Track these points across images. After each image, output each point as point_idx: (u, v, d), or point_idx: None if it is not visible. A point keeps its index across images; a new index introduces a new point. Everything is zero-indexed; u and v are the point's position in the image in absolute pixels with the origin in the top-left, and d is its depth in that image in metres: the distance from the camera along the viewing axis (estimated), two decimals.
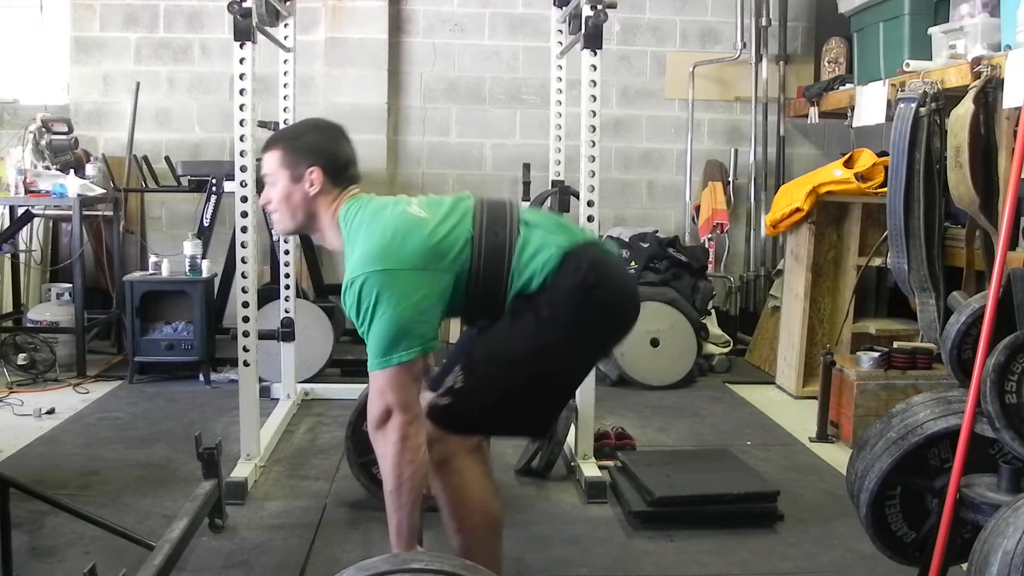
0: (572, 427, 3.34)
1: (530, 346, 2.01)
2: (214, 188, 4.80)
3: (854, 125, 4.65)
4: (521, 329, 2.02)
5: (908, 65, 3.96)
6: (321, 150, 2.10)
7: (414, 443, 1.92)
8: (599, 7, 2.98)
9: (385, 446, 1.92)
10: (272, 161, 2.11)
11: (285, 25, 3.85)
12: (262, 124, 4.36)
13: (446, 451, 2.05)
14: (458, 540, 2.13)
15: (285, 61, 3.98)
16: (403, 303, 1.91)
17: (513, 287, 2.02)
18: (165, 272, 4.57)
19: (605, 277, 2.06)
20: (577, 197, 3.42)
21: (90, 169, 4.95)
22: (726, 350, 5.17)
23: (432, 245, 1.97)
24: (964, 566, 2.07)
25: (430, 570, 1.42)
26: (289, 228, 2.17)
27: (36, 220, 5.15)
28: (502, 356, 2.04)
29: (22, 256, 5.14)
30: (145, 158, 5.03)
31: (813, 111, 5.40)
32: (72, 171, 4.83)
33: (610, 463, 3.31)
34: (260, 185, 2.18)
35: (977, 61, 3.38)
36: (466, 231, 2.02)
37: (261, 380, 3.58)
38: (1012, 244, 3.44)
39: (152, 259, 4.68)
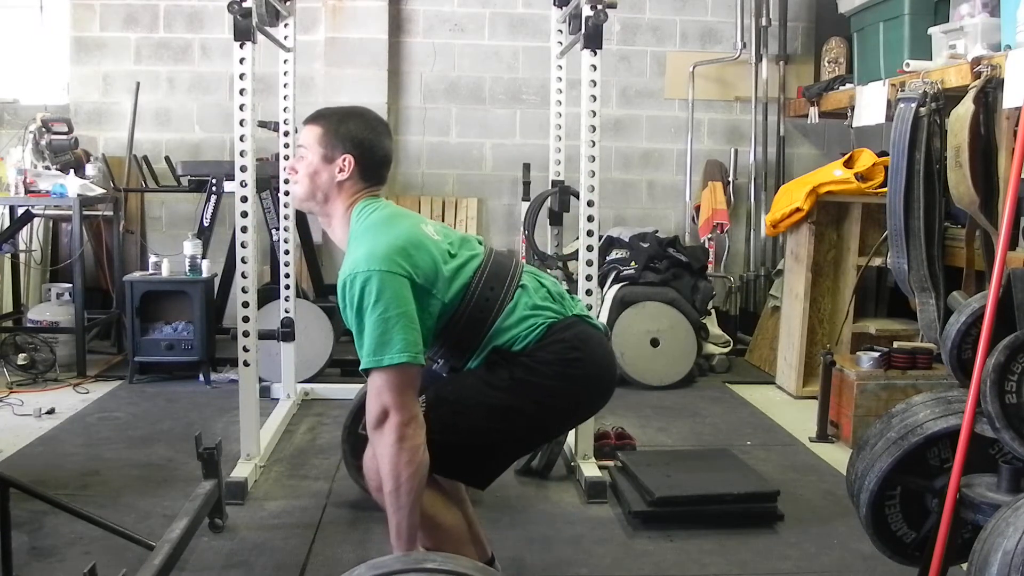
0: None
1: (500, 401, 2.02)
2: (214, 188, 4.80)
3: (854, 125, 4.65)
4: (495, 382, 2.03)
5: (908, 65, 3.96)
6: (361, 141, 2.09)
7: (412, 444, 1.90)
8: (599, 7, 2.98)
9: (383, 447, 1.91)
10: (311, 135, 2.10)
11: (285, 25, 3.85)
12: (262, 124, 4.37)
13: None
14: None
15: (285, 61, 3.98)
16: (401, 307, 1.91)
17: (489, 344, 2.04)
18: (165, 272, 4.57)
19: (588, 353, 2.08)
20: (577, 197, 3.42)
21: (90, 169, 4.95)
22: (726, 350, 5.17)
23: (437, 270, 1.99)
24: (964, 566, 2.07)
25: (443, 570, 1.41)
26: (302, 203, 2.16)
27: (36, 220, 5.15)
28: (470, 401, 2.03)
29: (22, 256, 5.14)
30: (145, 158, 5.04)
31: (813, 111, 5.40)
32: (72, 171, 4.84)
33: (610, 463, 3.31)
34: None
35: (977, 61, 3.38)
36: (468, 274, 2.04)
37: (261, 380, 3.59)
38: (1012, 244, 3.44)
39: (152, 259, 4.67)
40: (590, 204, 3.14)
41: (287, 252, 4.14)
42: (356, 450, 2.85)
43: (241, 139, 3.09)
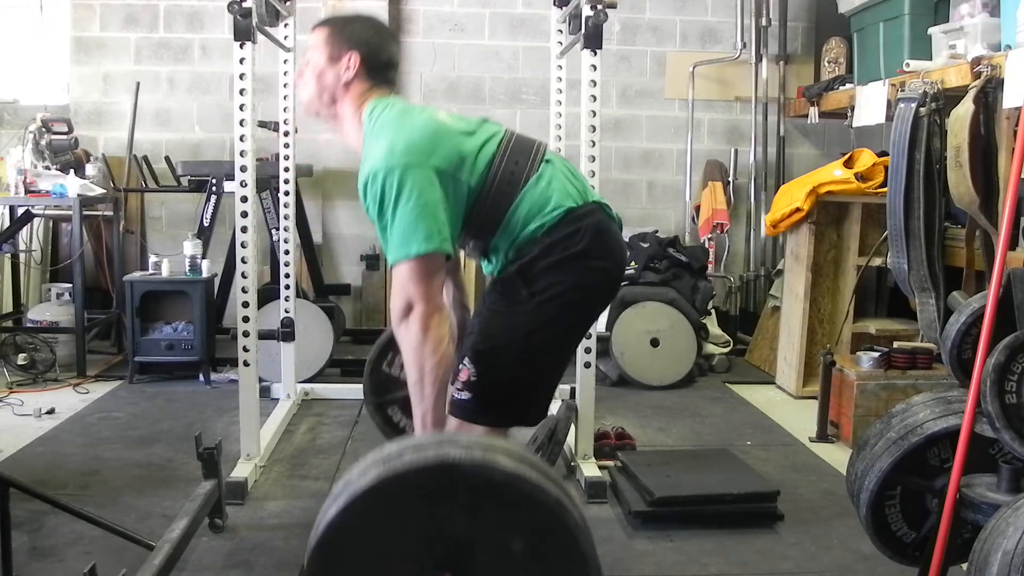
0: (572, 427, 3.34)
1: (528, 325, 2.01)
2: (214, 188, 4.80)
3: (854, 125, 4.65)
4: (517, 309, 2.02)
5: (908, 65, 3.95)
6: (366, 42, 2.11)
7: (436, 334, 1.90)
8: (599, 7, 2.98)
9: (407, 338, 1.91)
10: (317, 37, 2.14)
11: (285, 25, 3.85)
12: (262, 124, 4.37)
13: None
14: None
15: (285, 61, 3.98)
16: (424, 197, 1.90)
17: (513, 219, 2.02)
18: (165, 272, 4.57)
19: (601, 246, 2.07)
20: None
21: (90, 169, 4.95)
22: (726, 350, 5.17)
23: (459, 154, 1.98)
24: (964, 566, 2.07)
25: (473, 447, 1.40)
26: (309, 106, 2.17)
27: (36, 220, 5.15)
28: (503, 340, 2.04)
29: (22, 256, 5.14)
30: (145, 158, 5.04)
31: (813, 111, 5.40)
32: (72, 171, 4.83)
33: (610, 463, 3.31)
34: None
35: (977, 61, 3.38)
36: (491, 151, 2.03)
37: (261, 380, 3.59)
38: (1012, 244, 3.44)
39: (152, 259, 4.67)
40: None
41: (287, 252, 4.14)
42: (378, 388, 2.78)
43: (241, 139, 3.09)
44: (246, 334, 3.17)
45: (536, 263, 2.02)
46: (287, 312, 4.17)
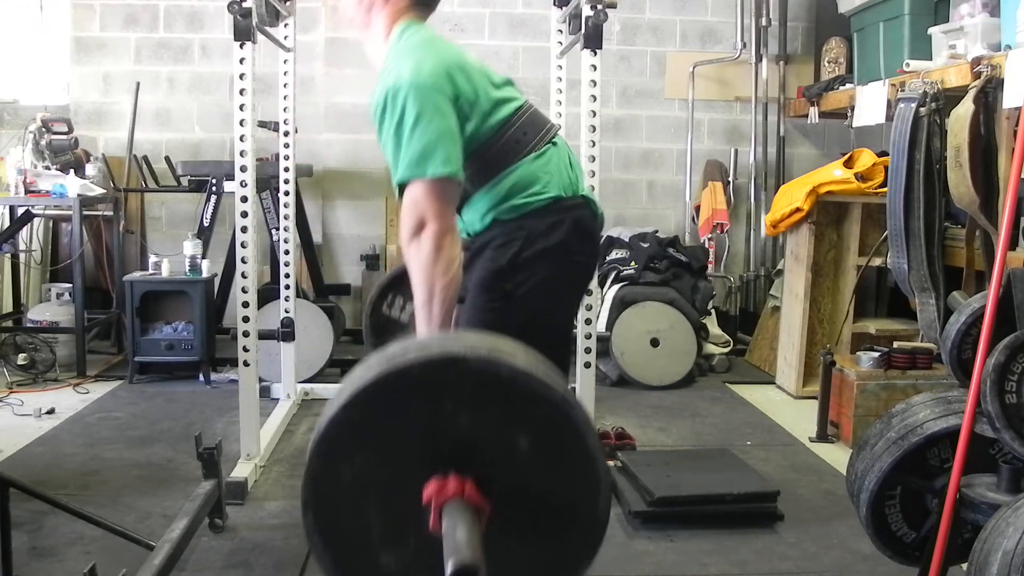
0: None
1: (516, 320, 1.96)
2: (214, 188, 4.80)
3: (854, 125, 4.65)
4: (498, 305, 1.99)
5: (908, 65, 3.95)
6: None
7: (449, 254, 1.83)
8: (599, 7, 2.98)
9: (418, 257, 1.83)
10: None
11: (285, 25, 3.85)
12: (262, 124, 4.37)
13: None
14: None
15: (285, 61, 3.98)
16: (447, 121, 1.88)
17: (500, 185, 2.00)
18: (165, 272, 4.57)
19: (579, 241, 2.05)
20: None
21: (90, 169, 4.95)
22: (726, 350, 5.17)
23: (478, 97, 1.96)
24: (964, 566, 2.07)
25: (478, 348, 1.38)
26: (347, 8, 2.16)
27: (36, 220, 5.15)
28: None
29: (22, 256, 5.14)
30: (145, 158, 5.03)
31: (813, 111, 5.40)
32: (72, 171, 4.84)
33: (610, 463, 3.31)
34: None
35: (977, 61, 3.38)
36: (507, 112, 2.01)
37: (261, 380, 3.59)
38: (1012, 244, 3.44)
39: (152, 259, 4.68)
40: None
41: (287, 252, 4.14)
42: (378, 329, 2.74)
43: (241, 139, 3.09)
44: (246, 334, 3.17)
45: (520, 254, 1.99)
46: (287, 312, 4.17)
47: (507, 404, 1.33)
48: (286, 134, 4.05)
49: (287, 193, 4.10)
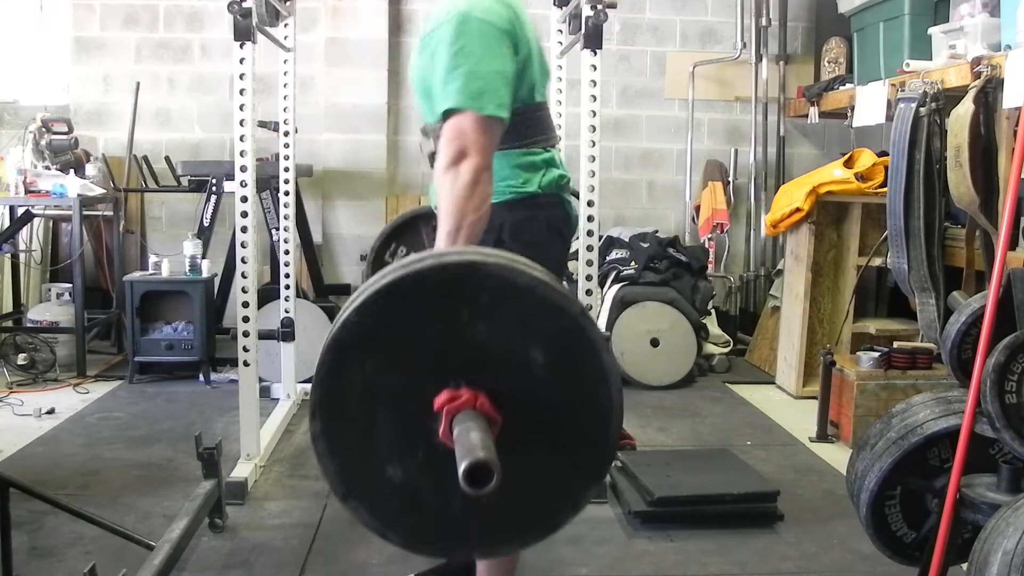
0: None
1: None
2: (214, 188, 4.80)
3: (854, 125, 4.65)
4: None
5: (908, 65, 3.95)
6: None
7: (485, 190, 1.76)
8: (599, 7, 2.97)
9: (454, 186, 1.73)
10: None
11: (285, 25, 3.85)
12: (262, 124, 4.37)
13: None
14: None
15: (285, 61, 3.98)
16: (507, 65, 1.84)
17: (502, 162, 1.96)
18: (165, 272, 4.57)
19: (550, 240, 2.04)
20: (577, 197, 3.42)
21: (90, 169, 4.95)
22: (726, 350, 5.17)
23: (527, 62, 1.94)
24: (964, 566, 2.07)
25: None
26: None
27: (36, 220, 5.15)
28: None
29: (22, 256, 5.14)
30: (145, 158, 5.04)
31: (813, 111, 5.40)
32: (72, 171, 4.84)
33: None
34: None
35: (977, 61, 3.38)
36: (533, 97, 1.99)
37: (261, 380, 3.59)
38: (1012, 244, 3.44)
39: (152, 259, 4.68)
40: (590, 204, 3.14)
41: (287, 252, 4.14)
42: None
43: (241, 139, 3.09)
44: (246, 334, 3.17)
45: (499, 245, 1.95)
46: (287, 312, 4.17)
47: (524, 314, 1.29)
48: (286, 134, 4.05)
49: (287, 193, 4.10)
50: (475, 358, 1.30)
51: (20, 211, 4.91)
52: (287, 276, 4.17)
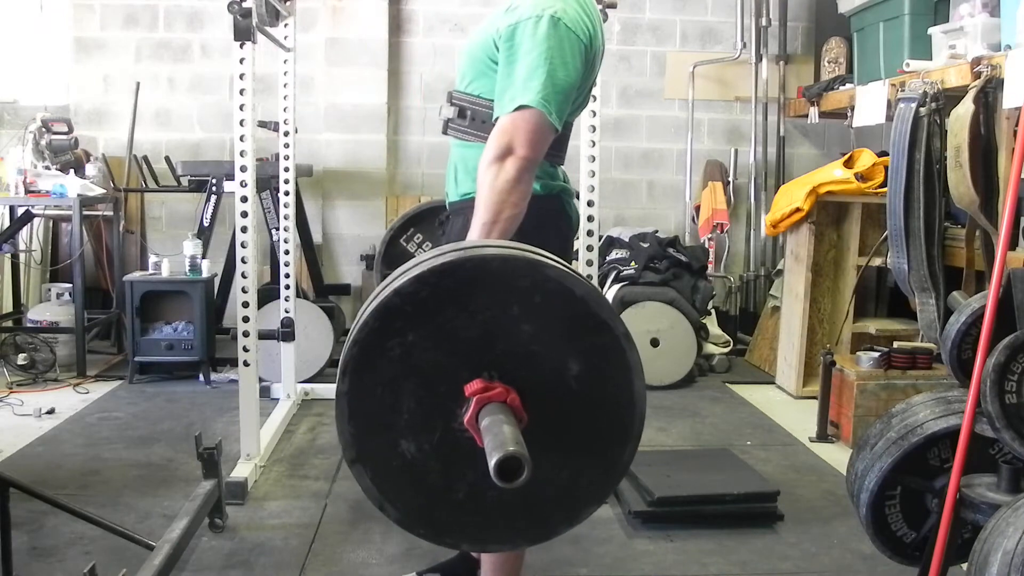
0: None
1: None
2: (214, 188, 4.80)
3: (854, 125, 4.65)
4: None
5: (908, 65, 3.95)
6: None
7: (526, 187, 1.78)
8: (599, 7, 2.97)
9: (498, 178, 1.75)
10: None
11: (285, 25, 3.85)
12: (262, 124, 4.37)
13: None
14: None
15: (285, 61, 3.98)
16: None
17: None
18: (165, 272, 4.57)
19: (554, 234, 2.04)
20: (577, 197, 3.42)
21: (90, 169, 4.95)
22: (726, 350, 5.17)
23: (589, 81, 1.97)
24: (964, 566, 2.07)
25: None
26: None
27: (36, 220, 5.15)
28: None
29: (22, 256, 5.14)
30: (145, 158, 5.04)
31: (813, 111, 5.40)
32: (72, 171, 4.84)
33: None
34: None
35: (977, 61, 3.38)
36: (574, 115, 2.01)
37: (261, 380, 3.59)
38: (1012, 244, 3.44)
39: (152, 259, 4.68)
40: (590, 204, 3.14)
41: (287, 252, 4.14)
42: (392, 261, 2.72)
43: (241, 139, 3.09)
44: (246, 334, 3.18)
45: None
46: (287, 312, 4.17)
47: (572, 323, 1.30)
48: (286, 134, 4.05)
49: (287, 193, 4.10)
50: (514, 354, 1.31)
51: (20, 211, 4.91)
52: (287, 276, 4.17)
